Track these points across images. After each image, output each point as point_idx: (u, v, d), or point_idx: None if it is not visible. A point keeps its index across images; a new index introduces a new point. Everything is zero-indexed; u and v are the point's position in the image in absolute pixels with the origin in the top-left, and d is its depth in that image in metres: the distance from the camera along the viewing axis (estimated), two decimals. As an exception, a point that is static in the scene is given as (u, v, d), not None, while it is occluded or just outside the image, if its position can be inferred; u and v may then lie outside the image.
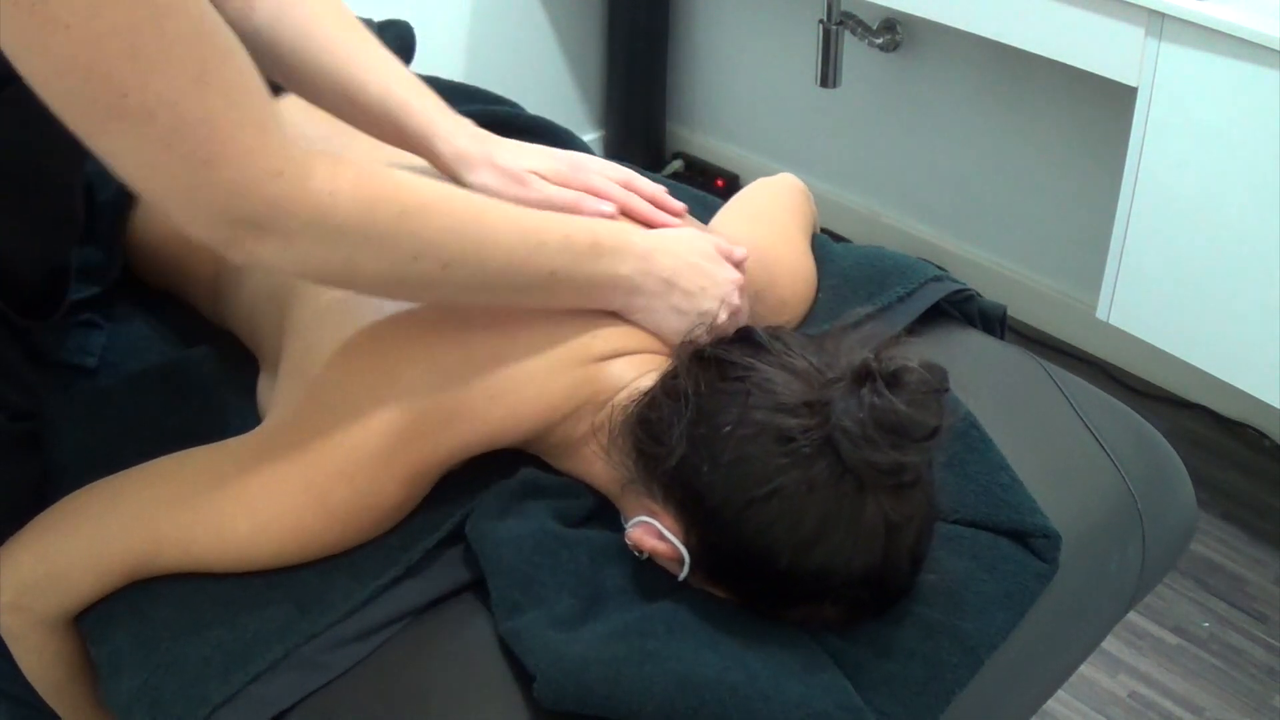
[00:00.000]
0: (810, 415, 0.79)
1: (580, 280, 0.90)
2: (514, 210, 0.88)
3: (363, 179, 0.78)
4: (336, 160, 0.77)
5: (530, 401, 0.90)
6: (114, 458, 0.92)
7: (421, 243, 0.81)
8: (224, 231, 0.74)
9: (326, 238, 0.77)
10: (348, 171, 0.78)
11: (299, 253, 0.77)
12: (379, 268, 0.81)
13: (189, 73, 0.69)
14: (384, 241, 0.79)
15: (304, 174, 0.75)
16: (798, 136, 2.57)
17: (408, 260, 0.81)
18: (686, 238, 0.97)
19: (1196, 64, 1.56)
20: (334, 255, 0.78)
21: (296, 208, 0.75)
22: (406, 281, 0.83)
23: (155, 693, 0.83)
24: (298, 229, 0.76)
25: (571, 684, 0.78)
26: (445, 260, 0.82)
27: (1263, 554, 1.87)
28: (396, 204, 0.79)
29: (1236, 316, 1.64)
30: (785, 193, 1.20)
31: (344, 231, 0.77)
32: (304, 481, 0.86)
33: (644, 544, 0.86)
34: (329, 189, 0.76)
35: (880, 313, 1.11)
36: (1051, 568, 0.94)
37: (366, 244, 0.79)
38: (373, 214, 0.78)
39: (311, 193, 0.75)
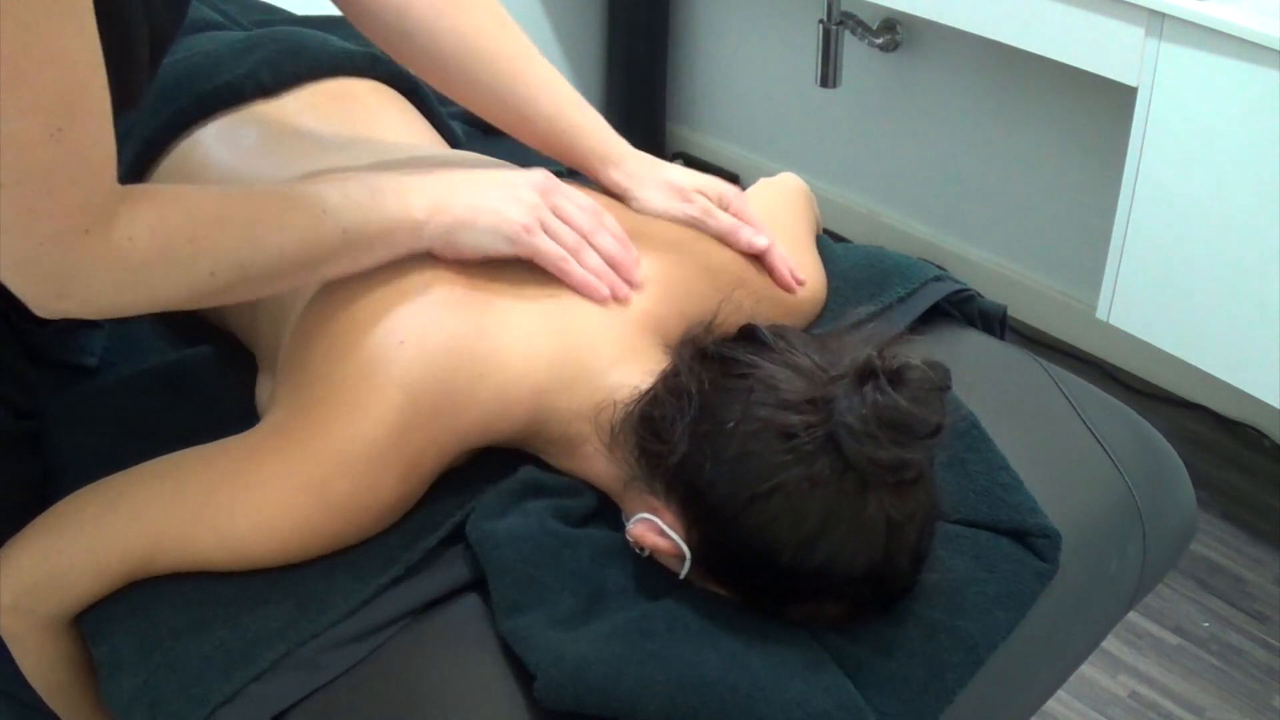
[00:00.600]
0: (813, 412, 0.80)
1: (374, 229, 0.89)
2: (295, 189, 0.89)
3: (158, 215, 0.79)
4: (135, 199, 0.78)
5: (518, 377, 0.90)
6: (114, 458, 0.92)
7: (215, 258, 0.82)
8: (30, 285, 0.76)
9: (128, 283, 0.78)
10: (145, 209, 0.78)
11: (103, 302, 0.79)
12: (179, 293, 0.82)
13: (49, 125, 0.70)
14: (180, 269, 0.81)
15: (107, 227, 0.76)
16: (798, 136, 2.57)
17: (205, 277, 0.82)
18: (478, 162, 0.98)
19: (1196, 64, 1.56)
20: (137, 295, 0.80)
21: (99, 261, 0.76)
22: (208, 294, 0.84)
23: (156, 692, 0.83)
24: (99, 281, 0.77)
25: (572, 683, 0.78)
26: (241, 264, 0.83)
27: (1263, 554, 1.87)
28: (187, 232, 0.80)
29: (1236, 316, 1.64)
30: (788, 193, 1.20)
31: (141, 272, 0.78)
32: (303, 478, 0.86)
33: (645, 541, 0.86)
34: (128, 235, 0.77)
35: (881, 313, 1.11)
36: (1052, 567, 0.94)
37: (165, 277, 0.80)
38: (169, 249, 0.79)
39: (113, 244, 0.76)
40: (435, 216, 0.91)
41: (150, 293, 0.80)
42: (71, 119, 0.71)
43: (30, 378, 1.01)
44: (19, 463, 0.98)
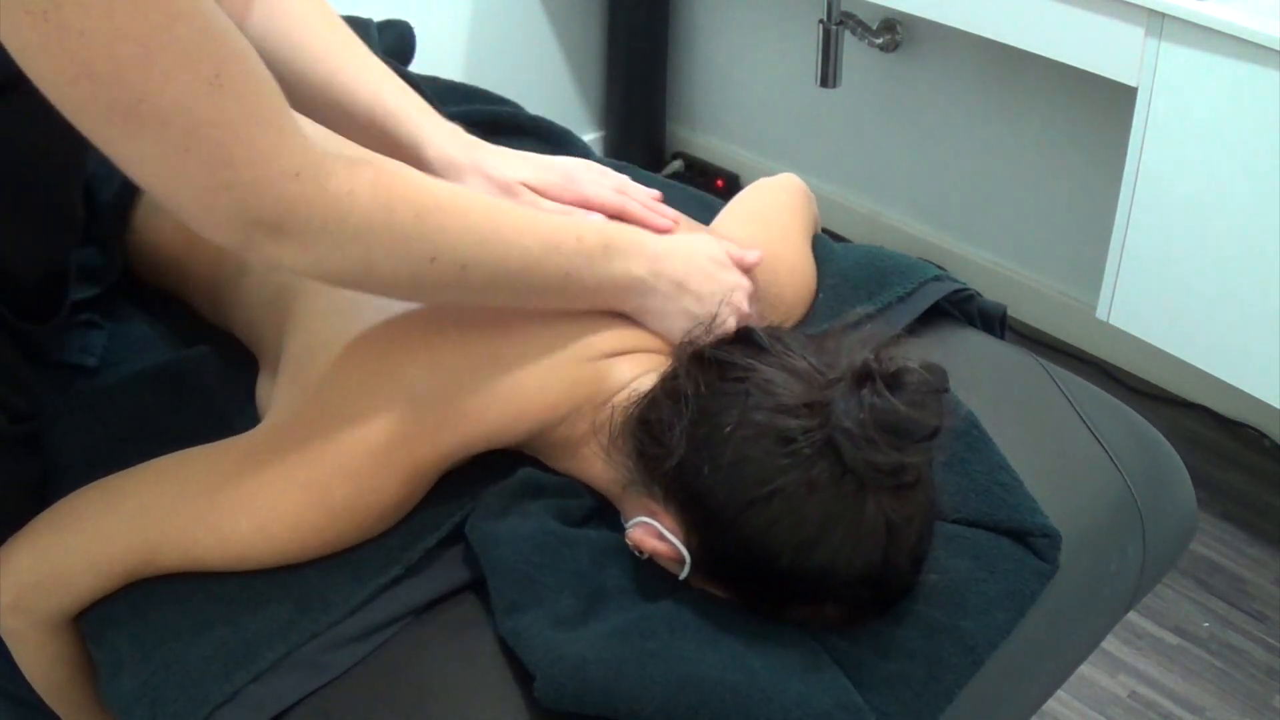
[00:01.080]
0: (811, 416, 0.79)
1: (592, 282, 0.90)
2: (528, 212, 0.89)
3: (381, 179, 0.78)
4: (354, 161, 0.77)
5: (530, 400, 0.90)
6: (114, 458, 0.92)
7: (439, 245, 0.81)
8: (241, 234, 0.74)
9: (344, 239, 0.77)
10: (366, 172, 0.77)
11: (317, 254, 0.77)
12: (396, 269, 0.81)
13: (204, 76, 0.69)
14: (402, 242, 0.79)
15: (322, 175, 0.75)
16: (798, 136, 2.57)
17: (425, 262, 0.81)
18: (698, 243, 0.97)
19: (1196, 64, 1.56)
20: (352, 256, 0.78)
21: (314, 209, 0.75)
22: (423, 283, 0.83)
23: (156, 692, 0.83)
24: (315, 231, 0.75)
25: (572, 683, 0.78)
26: (463, 262, 0.83)
27: (1263, 554, 1.87)
28: (414, 205, 0.79)
29: (1236, 316, 1.64)
30: (786, 193, 1.20)
31: (362, 232, 0.77)
32: (305, 480, 0.86)
33: (644, 544, 0.86)
34: (347, 189, 0.76)
35: (880, 313, 1.11)
36: (1052, 567, 0.94)
37: (384, 245, 0.79)
38: (390, 215, 0.78)
39: (330, 193, 0.75)
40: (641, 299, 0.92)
41: (367, 258, 0.78)
42: (225, 65, 0.70)
43: (28, 380, 1.01)
44: (17, 464, 0.98)
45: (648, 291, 0.92)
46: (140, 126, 0.69)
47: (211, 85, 0.69)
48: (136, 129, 0.69)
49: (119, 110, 0.68)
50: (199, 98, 0.69)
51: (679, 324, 0.93)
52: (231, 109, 0.70)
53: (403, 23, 1.49)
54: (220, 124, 0.70)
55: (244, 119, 0.71)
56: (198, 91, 0.69)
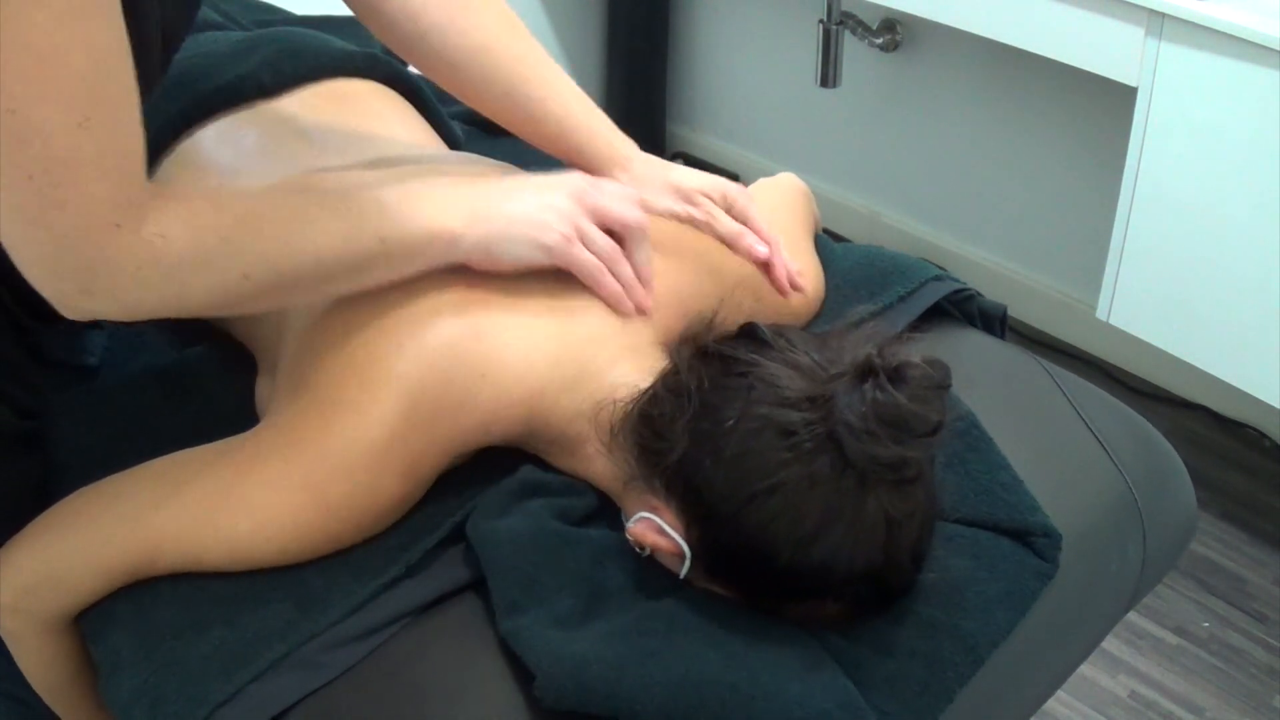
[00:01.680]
0: (813, 410, 0.80)
1: (411, 239, 0.88)
2: (329, 193, 0.88)
3: (192, 213, 0.78)
4: (167, 198, 0.77)
5: (519, 378, 0.90)
6: (114, 458, 0.92)
7: (250, 260, 0.81)
8: (52, 282, 0.74)
9: (157, 281, 0.77)
10: (179, 209, 0.77)
11: (130, 301, 0.77)
12: (211, 296, 0.81)
13: (75, 114, 0.69)
14: (214, 270, 0.79)
15: (138, 222, 0.75)
16: (798, 136, 2.57)
17: (239, 280, 0.81)
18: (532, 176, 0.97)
19: (1196, 64, 1.56)
20: (166, 294, 0.78)
21: (128, 257, 0.75)
22: (242, 298, 0.83)
23: (155, 692, 0.83)
24: (128, 279, 0.75)
25: (572, 683, 0.78)
26: (276, 268, 0.82)
27: (1263, 554, 1.87)
28: (219, 230, 0.79)
29: (1236, 316, 1.64)
30: (788, 194, 1.20)
31: (174, 270, 0.77)
32: (303, 478, 0.86)
33: (645, 540, 0.86)
34: (159, 232, 0.76)
35: (881, 313, 1.11)
36: (1052, 567, 0.94)
37: (196, 277, 0.79)
38: (200, 247, 0.78)
39: (143, 239, 0.75)
40: (472, 228, 0.90)
41: (181, 293, 0.79)
42: (99, 108, 0.70)
43: (34, 377, 1.01)
44: (21, 462, 0.98)
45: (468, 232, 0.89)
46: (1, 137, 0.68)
47: (79, 125, 0.69)
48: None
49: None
50: (63, 131, 0.69)
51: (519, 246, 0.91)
52: (86, 153, 0.70)
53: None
54: (70, 164, 0.70)
55: (94, 165, 0.71)
56: (64, 125, 0.69)
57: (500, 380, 0.89)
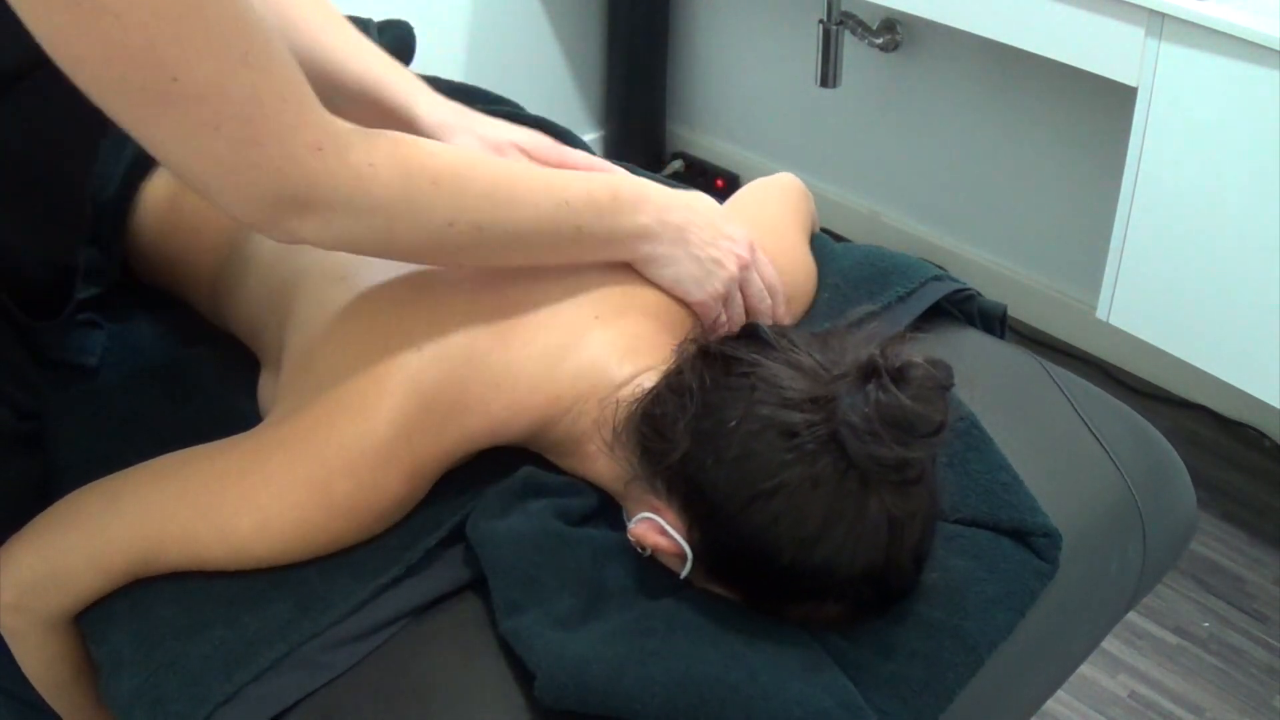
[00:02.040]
0: (815, 410, 0.80)
1: (604, 234, 0.93)
2: (539, 171, 0.92)
3: (398, 150, 0.81)
4: (370, 133, 0.80)
5: (534, 389, 0.90)
6: (114, 458, 0.92)
7: (457, 209, 0.83)
8: (267, 211, 0.76)
9: (366, 210, 0.79)
10: (383, 143, 0.80)
11: (339, 227, 0.79)
12: (416, 235, 0.83)
13: (234, 55, 0.71)
14: (421, 209, 0.82)
15: (343, 148, 0.77)
16: (798, 136, 2.57)
17: (443, 226, 0.83)
18: (697, 194, 1.01)
19: (1196, 64, 1.56)
20: (373, 226, 0.80)
21: (337, 182, 0.77)
22: (444, 246, 0.85)
23: (156, 691, 0.83)
24: (339, 203, 0.78)
25: (572, 683, 0.78)
26: (480, 223, 0.85)
27: (1263, 554, 1.87)
28: (430, 172, 0.82)
29: (1236, 316, 1.64)
30: (783, 192, 1.20)
31: (383, 203, 0.79)
32: (307, 477, 0.86)
33: (646, 540, 0.86)
34: (367, 161, 0.78)
35: (882, 312, 1.11)
36: (1052, 567, 0.94)
37: (404, 213, 0.81)
38: (409, 183, 0.80)
39: (351, 166, 0.77)
40: (650, 245, 0.94)
41: (388, 227, 0.81)
42: (252, 42, 0.71)
43: (33, 377, 1.01)
44: (21, 461, 0.98)
45: (653, 238, 0.95)
46: (172, 106, 0.70)
47: (241, 63, 0.71)
48: (169, 108, 0.70)
49: (152, 90, 0.69)
50: (230, 75, 0.70)
51: (685, 267, 0.96)
52: (260, 86, 0.72)
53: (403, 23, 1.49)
54: (250, 100, 0.72)
55: (271, 95, 0.73)
56: (229, 69, 0.70)
57: (517, 390, 0.90)
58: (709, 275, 0.96)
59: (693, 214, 0.97)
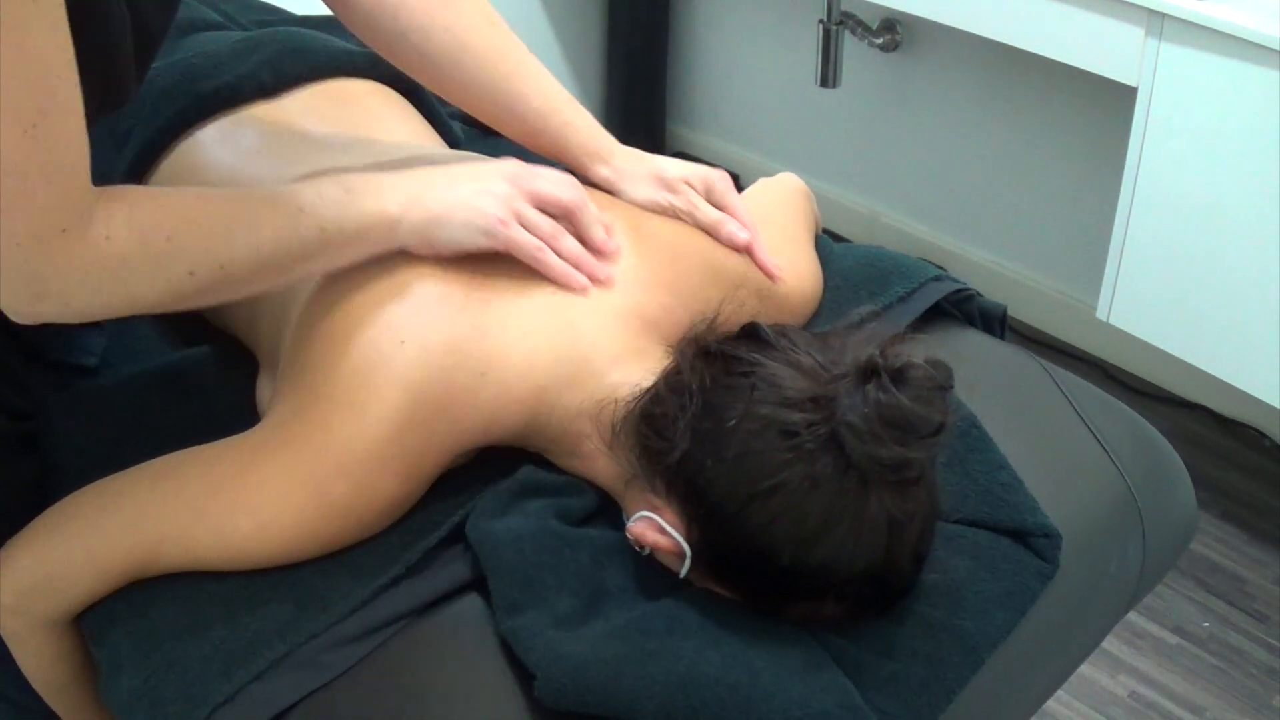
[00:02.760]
0: (815, 410, 0.80)
1: (351, 227, 0.89)
2: (274, 189, 0.89)
3: (134, 213, 0.79)
4: (111, 199, 0.78)
5: (520, 375, 0.90)
6: (114, 458, 0.92)
7: (193, 257, 0.82)
8: (9, 289, 0.75)
9: (105, 282, 0.78)
10: (119, 210, 0.78)
11: (79, 304, 0.78)
12: (157, 293, 0.82)
13: (23, 122, 0.70)
14: (159, 268, 0.80)
15: (84, 225, 0.76)
16: (798, 136, 2.57)
17: (184, 277, 0.82)
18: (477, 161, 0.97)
19: (1196, 64, 1.56)
20: (114, 296, 0.79)
21: (75, 261, 0.76)
22: (189, 294, 0.83)
23: (155, 692, 0.83)
24: (76, 283, 0.77)
25: (572, 683, 0.78)
26: (220, 262, 0.83)
27: (1263, 554, 1.87)
28: (164, 229, 0.80)
29: (1236, 316, 1.64)
30: (788, 194, 1.20)
31: (119, 271, 0.78)
32: (303, 477, 0.86)
33: (645, 539, 0.86)
34: (104, 234, 0.77)
35: (882, 312, 1.11)
36: (1052, 567, 0.94)
37: (142, 275, 0.80)
38: (145, 246, 0.79)
39: (90, 243, 0.76)
40: (410, 213, 0.90)
41: (128, 292, 0.80)
42: (45, 116, 0.71)
43: (25, 379, 1.01)
44: (17, 464, 0.98)
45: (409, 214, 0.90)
46: None
47: (26, 133, 0.70)
48: None
49: None
50: (10, 141, 0.70)
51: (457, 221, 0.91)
52: (34, 161, 0.71)
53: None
54: (17, 173, 0.71)
55: (41, 173, 0.72)
56: (11, 135, 0.70)
57: (502, 378, 0.89)
58: (480, 213, 0.91)
59: (438, 171, 0.94)
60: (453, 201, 0.92)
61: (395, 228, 0.90)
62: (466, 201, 0.92)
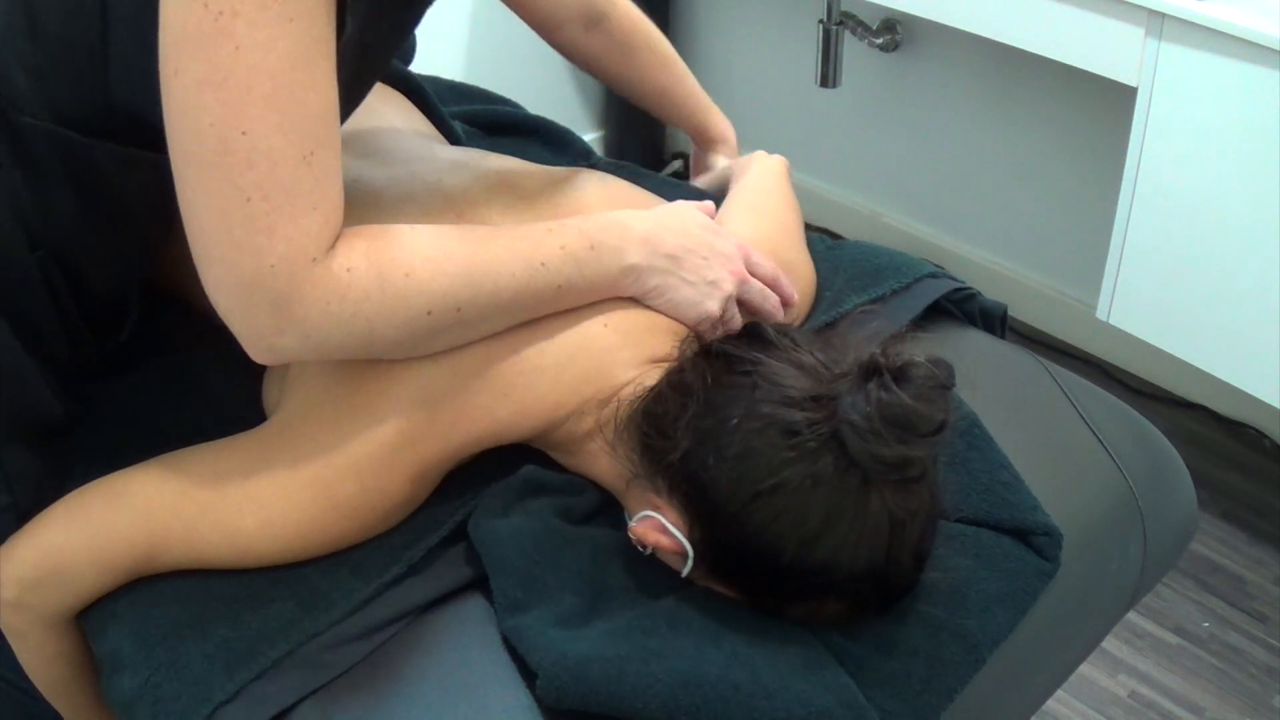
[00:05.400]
0: (817, 409, 0.80)
1: (585, 285, 0.91)
2: (511, 235, 0.89)
3: (373, 248, 0.80)
4: (352, 235, 0.80)
5: (541, 397, 0.90)
6: (118, 455, 0.92)
7: (432, 297, 0.83)
8: (247, 318, 0.77)
9: (345, 316, 0.79)
10: (359, 244, 0.80)
11: (319, 337, 0.79)
12: (396, 331, 0.82)
13: (303, 146, 0.73)
14: (399, 306, 0.81)
15: (330, 257, 0.77)
16: (798, 136, 2.57)
17: (423, 316, 0.83)
18: (684, 211, 0.98)
19: (1196, 64, 1.56)
20: (353, 330, 0.80)
21: (319, 291, 0.77)
22: (421, 335, 0.84)
23: (157, 690, 0.83)
24: (318, 313, 0.78)
25: (574, 682, 0.79)
26: (458, 305, 0.84)
27: (1263, 554, 1.87)
28: (403, 266, 0.81)
29: (1236, 316, 1.65)
30: (778, 181, 1.20)
31: (362, 305, 0.79)
32: (311, 477, 0.86)
33: (648, 539, 0.86)
34: (346, 266, 0.78)
35: (876, 303, 1.11)
36: (1053, 566, 0.94)
37: (382, 311, 0.81)
38: (384, 282, 0.80)
39: (332, 274, 0.78)
40: (639, 281, 0.93)
41: (368, 328, 0.81)
42: (322, 147, 0.74)
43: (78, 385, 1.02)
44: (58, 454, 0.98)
45: (644, 274, 0.93)
46: (227, 156, 0.71)
47: (302, 157, 0.73)
48: (222, 158, 0.72)
49: (220, 131, 0.71)
50: (286, 161, 0.72)
51: (682, 293, 0.94)
52: (304, 185, 0.74)
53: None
54: (287, 192, 0.73)
55: (305, 199, 0.74)
56: (288, 156, 0.72)
57: (523, 400, 0.90)
58: (705, 298, 0.94)
59: (685, 238, 0.95)
60: (685, 281, 0.94)
61: (626, 289, 0.93)
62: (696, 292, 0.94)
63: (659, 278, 0.93)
